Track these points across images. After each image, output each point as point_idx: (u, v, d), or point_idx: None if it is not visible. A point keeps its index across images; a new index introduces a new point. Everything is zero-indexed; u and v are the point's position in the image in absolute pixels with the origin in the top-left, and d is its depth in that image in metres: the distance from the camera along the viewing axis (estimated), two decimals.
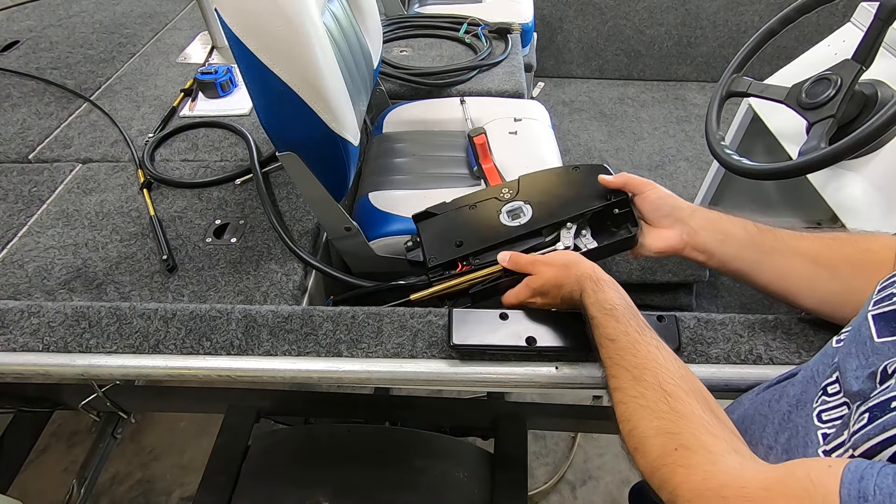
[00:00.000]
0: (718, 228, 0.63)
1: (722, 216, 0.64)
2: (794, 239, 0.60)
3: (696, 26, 1.99)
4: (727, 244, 0.62)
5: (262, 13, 0.67)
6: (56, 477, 1.46)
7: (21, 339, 0.69)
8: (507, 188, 0.76)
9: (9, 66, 1.45)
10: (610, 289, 0.57)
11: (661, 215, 0.66)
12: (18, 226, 0.99)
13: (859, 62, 0.81)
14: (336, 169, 0.85)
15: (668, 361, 0.47)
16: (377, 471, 0.82)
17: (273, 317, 0.70)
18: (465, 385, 0.66)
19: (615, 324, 0.52)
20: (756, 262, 0.61)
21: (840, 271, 0.58)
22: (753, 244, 0.61)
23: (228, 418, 0.92)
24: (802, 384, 0.45)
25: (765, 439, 0.45)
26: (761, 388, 0.53)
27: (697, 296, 1.46)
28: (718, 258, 0.63)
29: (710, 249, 0.63)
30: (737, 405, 0.54)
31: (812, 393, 0.43)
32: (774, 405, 0.47)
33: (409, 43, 1.58)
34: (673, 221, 0.65)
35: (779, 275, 0.61)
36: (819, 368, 0.44)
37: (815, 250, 0.59)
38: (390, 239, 1.01)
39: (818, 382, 0.43)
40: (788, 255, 0.60)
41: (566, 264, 0.61)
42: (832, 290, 0.59)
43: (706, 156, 1.45)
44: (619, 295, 0.56)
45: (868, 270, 0.56)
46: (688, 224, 0.64)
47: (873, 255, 0.56)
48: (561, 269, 0.61)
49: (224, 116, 1.24)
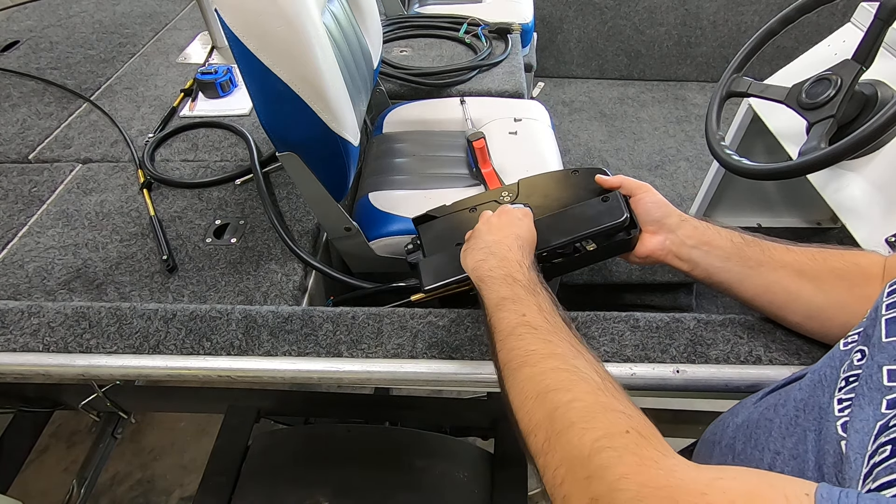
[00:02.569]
0: (703, 239, 0.62)
1: (710, 227, 0.63)
2: (781, 252, 0.59)
3: (696, 26, 1.99)
4: (711, 255, 0.62)
5: (262, 13, 0.67)
6: (56, 477, 1.46)
7: (21, 339, 0.69)
8: (506, 191, 0.76)
9: (9, 66, 1.45)
10: (492, 290, 0.54)
11: (649, 220, 0.65)
12: (18, 226, 0.99)
13: (859, 62, 0.81)
14: (336, 169, 0.85)
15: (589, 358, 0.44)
16: (377, 471, 0.82)
17: (273, 317, 0.70)
18: (465, 385, 0.66)
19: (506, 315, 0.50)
20: (740, 275, 0.61)
21: (825, 284, 0.57)
22: (739, 257, 0.60)
23: (228, 418, 0.92)
24: (810, 388, 0.44)
25: (771, 444, 0.44)
26: (764, 393, 0.52)
27: (697, 296, 1.46)
28: (703, 269, 0.62)
29: (694, 260, 0.62)
30: (740, 408, 0.54)
31: (820, 397, 0.42)
32: (780, 409, 0.46)
33: (409, 43, 1.58)
34: (659, 228, 0.64)
35: (764, 288, 0.60)
36: (826, 372, 0.43)
37: (800, 263, 0.58)
38: (390, 239, 1.01)
39: (825, 386, 0.42)
40: (773, 269, 0.59)
41: (475, 247, 0.60)
42: (817, 304, 0.58)
43: (706, 156, 1.45)
44: (498, 294, 0.53)
45: (854, 284, 0.55)
46: (674, 232, 0.63)
47: (860, 270, 0.55)
48: (473, 247, 0.60)
49: (224, 116, 1.24)
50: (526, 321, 0.48)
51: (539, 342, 0.46)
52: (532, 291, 0.52)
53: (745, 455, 0.47)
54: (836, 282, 0.56)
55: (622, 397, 0.39)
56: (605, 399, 0.39)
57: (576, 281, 1.41)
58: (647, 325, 0.67)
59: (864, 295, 0.54)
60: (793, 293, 0.59)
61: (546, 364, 0.43)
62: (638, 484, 0.31)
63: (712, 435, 0.55)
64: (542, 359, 0.44)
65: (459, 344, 0.66)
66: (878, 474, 0.29)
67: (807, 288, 0.58)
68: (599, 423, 0.36)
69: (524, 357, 0.45)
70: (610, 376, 0.42)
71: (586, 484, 0.34)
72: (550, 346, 0.45)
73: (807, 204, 1.43)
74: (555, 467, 0.36)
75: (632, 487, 0.31)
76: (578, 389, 0.40)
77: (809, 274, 0.58)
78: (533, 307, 0.50)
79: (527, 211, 0.67)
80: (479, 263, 0.57)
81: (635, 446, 0.34)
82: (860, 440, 0.33)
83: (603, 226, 0.65)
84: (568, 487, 0.35)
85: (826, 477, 0.36)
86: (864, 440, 0.33)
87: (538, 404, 0.41)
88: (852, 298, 0.55)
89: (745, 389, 0.62)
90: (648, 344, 0.65)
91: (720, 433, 0.53)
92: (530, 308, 0.50)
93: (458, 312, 0.69)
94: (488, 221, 0.64)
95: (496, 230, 0.61)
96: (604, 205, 0.66)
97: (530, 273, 0.55)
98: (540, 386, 0.42)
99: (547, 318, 0.49)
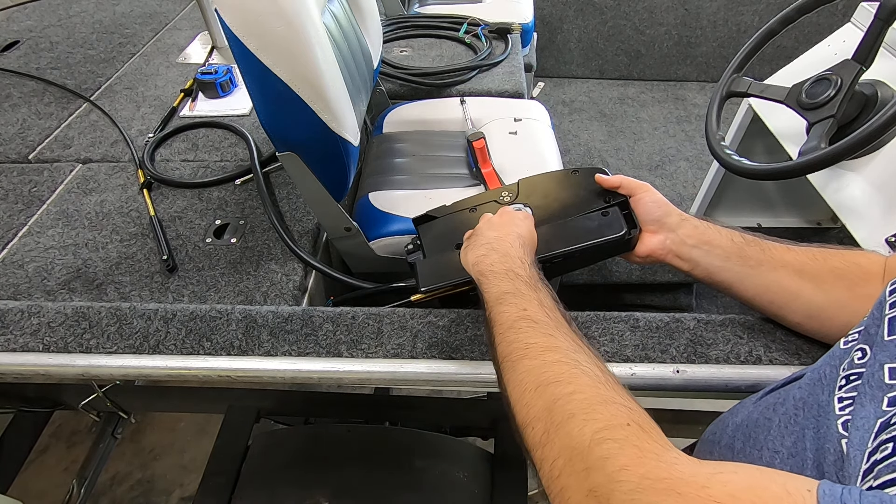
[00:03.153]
0: (704, 239, 0.62)
1: (710, 226, 0.63)
2: (781, 251, 0.59)
3: (696, 26, 1.99)
4: (712, 255, 0.61)
5: (262, 13, 0.67)
6: (56, 477, 1.46)
7: (21, 339, 0.69)
8: (506, 191, 0.76)
9: (9, 66, 1.45)
10: (493, 285, 0.54)
11: (649, 220, 0.65)
12: (18, 226, 0.99)
13: (859, 62, 0.81)
14: (336, 169, 0.85)
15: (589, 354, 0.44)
16: (377, 471, 0.82)
17: (273, 317, 0.70)
18: (465, 385, 0.66)
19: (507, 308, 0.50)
20: (741, 275, 0.61)
21: (825, 283, 0.57)
22: (739, 256, 0.60)
23: (228, 418, 0.92)
24: (809, 387, 0.44)
25: (770, 443, 0.44)
26: (764, 392, 0.52)
27: (697, 296, 1.46)
28: (703, 268, 0.62)
29: (695, 259, 0.62)
30: (740, 408, 0.54)
31: (819, 395, 0.43)
32: (779, 408, 0.46)
33: (409, 43, 1.58)
34: (659, 227, 0.64)
35: (764, 288, 0.60)
36: (826, 371, 0.43)
37: (800, 262, 0.58)
38: (390, 239, 1.01)
39: (825, 385, 0.42)
40: (774, 268, 0.59)
41: (475, 244, 0.60)
42: (817, 304, 0.58)
43: (706, 156, 1.45)
44: (499, 290, 0.53)
45: (854, 284, 0.55)
46: (674, 232, 0.63)
47: (861, 269, 0.55)
48: (472, 245, 0.61)
49: (224, 116, 1.24)
50: (527, 315, 0.48)
51: (540, 336, 0.46)
52: (533, 287, 0.52)
53: (745, 454, 0.47)
54: (837, 281, 0.56)
55: (623, 392, 0.39)
56: (606, 392, 0.38)
57: (576, 281, 1.41)
58: (647, 325, 0.67)
59: (864, 294, 0.54)
60: (793, 293, 0.59)
61: (546, 357, 0.43)
62: (639, 476, 0.31)
63: (712, 434, 0.55)
64: (542, 351, 0.44)
65: (459, 344, 0.66)
66: (880, 472, 0.29)
67: (807, 287, 0.58)
68: (600, 414, 0.36)
69: (524, 350, 0.45)
70: (610, 372, 0.42)
71: (585, 475, 0.33)
72: (551, 340, 0.45)
73: (807, 204, 1.43)
74: (553, 459, 0.36)
75: (632, 479, 0.31)
76: (579, 382, 0.39)
77: (810, 273, 0.58)
78: (534, 302, 0.49)
79: (527, 213, 0.67)
80: (481, 258, 0.57)
81: (636, 438, 0.34)
82: (860, 437, 0.33)
83: (602, 238, 0.65)
84: (566, 479, 0.35)
85: (826, 475, 0.36)
86: (865, 437, 0.33)
87: (537, 396, 0.40)
88: (853, 298, 0.55)
89: (745, 389, 0.62)
90: (648, 344, 0.65)
91: (720, 433, 0.53)
92: (531, 303, 0.49)
93: (458, 312, 0.69)
94: (489, 220, 0.64)
95: (497, 227, 0.61)
96: (604, 219, 0.67)
97: (531, 270, 0.55)
98: (540, 378, 0.41)
99: (548, 314, 0.48)
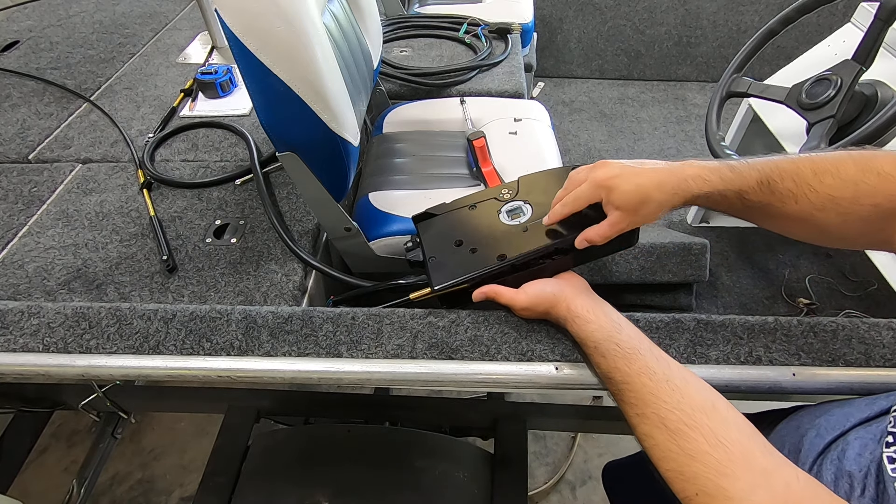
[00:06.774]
0: (701, 192, 0.55)
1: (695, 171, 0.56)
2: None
3: (696, 26, 1.99)
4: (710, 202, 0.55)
5: (262, 13, 0.67)
6: (56, 477, 1.46)
7: (21, 339, 0.69)
8: (506, 189, 0.76)
9: (9, 66, 1.45)
10: (587, 322, 0.57)
11: (631, 208, 0.58)
12: (18, 226, 0.99)
13: (859, 62, 0.81)
14: (336, 169, 0.85)
15: (662, 390, 0.47)
16: (377, 471, 0.82)
17: (273, 318, 0.70)
18: (465, 385, 0.66)
19: (603, 360, 0.53)
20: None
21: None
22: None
23: (228, 418, 0.92)
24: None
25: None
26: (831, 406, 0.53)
27: (697, 296, 1.46)
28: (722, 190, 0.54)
29: (700, 203, 0.56)
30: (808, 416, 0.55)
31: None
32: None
33: (409, 43, 1.58)
34: (645, 204, 0.57)
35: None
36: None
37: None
38: (390, 239, 1.01)
39: None
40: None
41: (546, 311, 0.63)
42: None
43: (706, 156, 1.45)
44: (598, 325, 0.56)
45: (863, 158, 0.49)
46: (662, 196, 0.56)
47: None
48: (541, 314, 0.64)
49: (224, 116, 1.24)
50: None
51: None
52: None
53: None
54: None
55: (686, 460, 0.44)
56: (672, 466, 0.44)
57: None
58: (647, 325, 0.67)
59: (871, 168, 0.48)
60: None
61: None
62: None
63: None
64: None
65: (459, 344, 0.66)
66: None
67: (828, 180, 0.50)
68: (675, 489, 0.43)
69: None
70: (675, 423, 0.46)
71: None
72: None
73: None
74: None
75: None
76: (656, 459, 0.46)
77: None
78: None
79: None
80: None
81: None
82: None
83: None
84: None
85: None
86: None
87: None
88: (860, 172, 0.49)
89: (745, 389, 0.62)
90: None
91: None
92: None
93: (457, 313, 0.69)
94: None
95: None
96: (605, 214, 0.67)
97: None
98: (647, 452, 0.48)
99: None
